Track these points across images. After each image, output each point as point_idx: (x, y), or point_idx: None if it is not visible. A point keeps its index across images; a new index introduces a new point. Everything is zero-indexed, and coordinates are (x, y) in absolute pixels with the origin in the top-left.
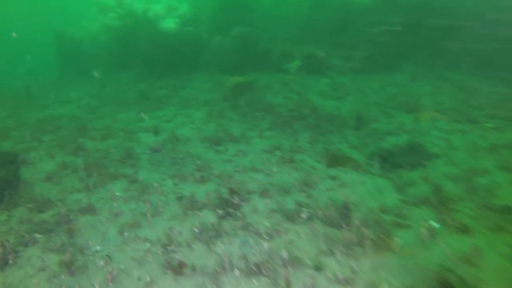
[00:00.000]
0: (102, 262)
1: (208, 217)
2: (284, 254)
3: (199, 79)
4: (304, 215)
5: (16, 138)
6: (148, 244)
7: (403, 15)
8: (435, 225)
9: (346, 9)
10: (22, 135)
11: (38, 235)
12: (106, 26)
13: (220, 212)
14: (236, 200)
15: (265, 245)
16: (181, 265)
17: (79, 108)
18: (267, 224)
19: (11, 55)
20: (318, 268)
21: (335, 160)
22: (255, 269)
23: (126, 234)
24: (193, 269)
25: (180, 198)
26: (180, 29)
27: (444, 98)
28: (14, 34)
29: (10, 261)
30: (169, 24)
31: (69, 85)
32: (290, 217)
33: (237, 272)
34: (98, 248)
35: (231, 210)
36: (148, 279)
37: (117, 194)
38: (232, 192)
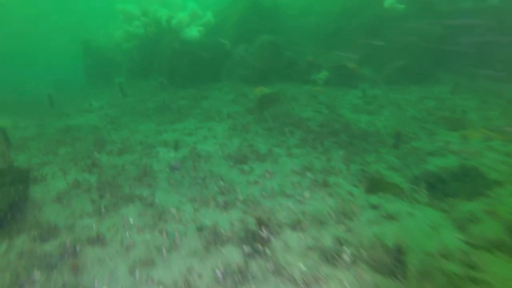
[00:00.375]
0: None
1: (233, 255)
2: None
3: (221, 89)
4: (346, 257)
5: (33, 150)
6: None
7: (441, 22)
8: None
9: (379, 16)
10: (39, 147)
11: (37, 273)
12: (130, 34)
13: (247, 249)
14: (264, 233)
15: None
16: None
17: (99, 118)
18: (303, 267)
19: (42, 64)
20: None
21: (375, 184)
22: None
23: (137, 273)
24: None
25: (200, 228)
26: (203, 38)
27: (494, 114)
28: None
29: None
30: (193, 32)
31: (92, 93)
32: (330, 258)
33: None
34: None
35: (259, 246)
36: None
37: (131, 221)
38: (260, 222)
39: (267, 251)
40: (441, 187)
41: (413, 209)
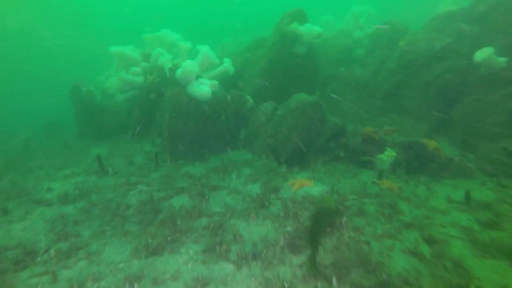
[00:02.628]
0: None
1: None
2: None
3: (240, 170)
4: None
5: None
6: None
7: None
8: None
9: (462, 72)
10: None
11: None
12: (125, 82)
13: None
14: None
15: None
16: None
17: (47, 223)
18: None
19: (33, 104)
20: None
21: None
22: None
23: None
24: None
25: None
26: (216, 93)
27: None
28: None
29: None
30: (203, 89)
31: (70, 157)
32: None
33: None
34: None
35: None
36: None
37: None
38: None
39: None
40: None
41: None
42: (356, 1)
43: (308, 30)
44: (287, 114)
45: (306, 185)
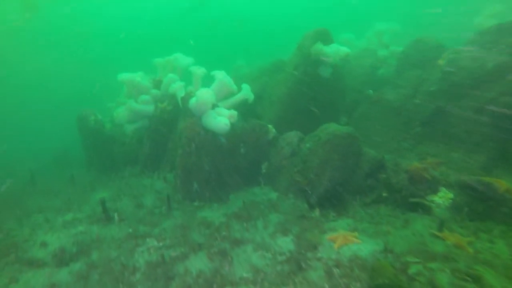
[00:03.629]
0: None
1: None
2: None
3: (266, 216)
4: None
5: None
6: None
7: None
8: None
9: None
10: None
11: None
12: (135, 112)
13: None
14: None
15: None
16: None
17: None
18: None
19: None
20: None
21: None
22: None
23: None
24: None
25: None
26: (235, 123)
27: None
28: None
29: None
30: (220, 121)
31: (72, 196)
32: None
33: None
34: None
35: None
36: None
37: None
38: None
39: None
40: None
41: None
42: (377, 18)
43: (335, 50)
44: (317, 147)
45: (351, 241)
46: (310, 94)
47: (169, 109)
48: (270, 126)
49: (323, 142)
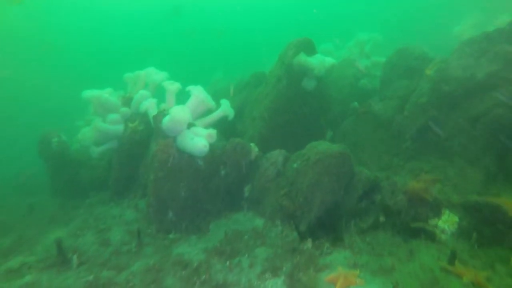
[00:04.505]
0: None
1: None
2: None
3: (250, 247)
4: None
5: None
6: None
7: None
8: None
9: None
10: None
11: None
12: (102, 133)
13: None
14: None
15: None
16: None
17: None
18: None
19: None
20: None
21: None
22: None
23: None
24: None
25: None
26: (214, 143)
27: None
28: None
29: None
30: (198, 143)
31: (25, 233)
32: None
33: None
34: None
35: None
36: None
37: None
38: None
39: None
40: None
41: None
42: (357, 28)
43: (319, 61)
44: (306, 168)
45: (353, 283)
46: (293, 108)
47: (140, 129)
48: (252, 144)
49: (313, 163)
